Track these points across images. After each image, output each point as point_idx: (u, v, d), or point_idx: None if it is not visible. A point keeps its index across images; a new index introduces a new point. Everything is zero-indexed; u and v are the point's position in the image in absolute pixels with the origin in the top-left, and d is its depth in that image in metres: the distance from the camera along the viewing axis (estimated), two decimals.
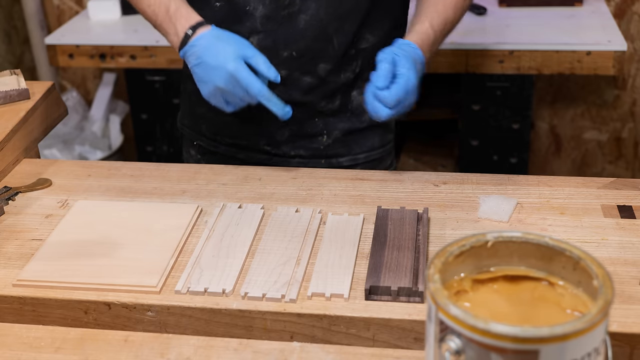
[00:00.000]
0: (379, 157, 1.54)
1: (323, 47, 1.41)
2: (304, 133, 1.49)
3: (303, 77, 1.43)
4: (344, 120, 1.49)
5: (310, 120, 1.48)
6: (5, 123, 1.44)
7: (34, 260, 1.15)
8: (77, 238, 1.20)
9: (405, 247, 1.14)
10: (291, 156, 1.51)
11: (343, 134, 1.50)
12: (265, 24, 1.40)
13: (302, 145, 1.50)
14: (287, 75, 1.42)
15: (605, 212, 1.23)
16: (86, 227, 1.22)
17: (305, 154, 1.50)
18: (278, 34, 1.40)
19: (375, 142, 1.53)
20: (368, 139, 1.52)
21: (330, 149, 1.50)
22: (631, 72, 2.76)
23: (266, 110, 1.36)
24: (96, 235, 1.20)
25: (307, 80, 1.44)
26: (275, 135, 1.49)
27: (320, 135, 1.49)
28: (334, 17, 1.39)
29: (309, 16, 1.39)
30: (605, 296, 0.79)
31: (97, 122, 2.94)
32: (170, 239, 1.18)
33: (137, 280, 1.09)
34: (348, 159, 1.52)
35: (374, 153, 1.53)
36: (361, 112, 1.48)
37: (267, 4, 1.39)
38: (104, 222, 1.24)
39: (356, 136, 1.51)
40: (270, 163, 1.51)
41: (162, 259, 1.14)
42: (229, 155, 1.54)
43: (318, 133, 1.49)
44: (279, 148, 1.50)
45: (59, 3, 2.96)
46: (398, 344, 1.03)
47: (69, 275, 1.11)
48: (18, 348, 1.04)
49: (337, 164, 1.51)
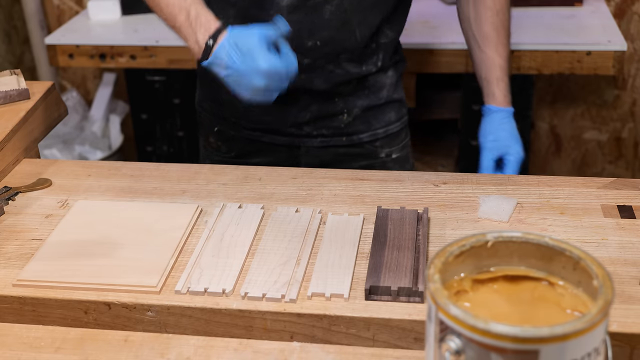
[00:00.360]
0: (397, 131, 1.61)
1: (346, 38, 1.45)
2: (325, 113, 1.54)
3: (326, 65, 1.47)
4: (362, 97, 1.54)
5: (330, 101, 1.52)
6: (5, 123, 1.44)
7: (34, 260, 1.15)
8: (77, 238, 1.20)
9: (405, 247, 1.14)
10: (314, 136, 1.55)
11: (362, 110, 1.55)
12: (291, 14, 1.41)
13: (324, 125, 1.54)
14: (311, 64, 1.46)
15: (605, 212, 1.23)
16: (86, 227, 1.22)
17: (327, 133, 1.56)
18: (303, 23, 1.42)
19: (392, 117, 1.59)
20: (386, 113, 1.58)
21: (350, 126, 1.56)
22: (631, 72, 2.76)
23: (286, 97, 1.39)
24: (96, 235, 1.20)
25: (329, 69, 1.48)
26: (297, 118, 1.53)
27: (340, 114, 1.54)
28: (358, 8, 1.43)
29: (334, 6, 1.42)
30: (605, 296, 0.79)
31: (97, 122, 2.94)
32: (170, 239, 1.18)
33: (137, 280, 1.09)
34: (368, 134, 1.58)
35: (392, 127, 1.60)
36: (378, 89, 1.55)
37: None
38: (104, 222, 1.24)
39: (375, 112, 1.57)
40: (293, 144, 1.56)
41: (162, 259, 1.14)
42: (253, 138, 1.57)
43: (339, 112, 1.54)
44: (301, 129, 1.55)
45: (59, 3, 2.96)
46: (398, 344, 1.03)
47: (69, 275, 1.11)
48: (18, 348, 1.04)
49: (357, 140, 1.57)
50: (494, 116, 1.49)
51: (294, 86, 1.46)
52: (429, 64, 2.31)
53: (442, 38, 2.29)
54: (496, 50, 1.50)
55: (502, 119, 1.48)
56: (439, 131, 2.85)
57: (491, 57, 1.50)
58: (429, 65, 2.31)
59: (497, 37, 1.50)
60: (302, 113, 1.52)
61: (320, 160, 1.56)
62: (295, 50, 1.37)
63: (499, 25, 1.50)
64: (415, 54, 2.28)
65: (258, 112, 1.53)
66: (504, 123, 1.48)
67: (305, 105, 1.51)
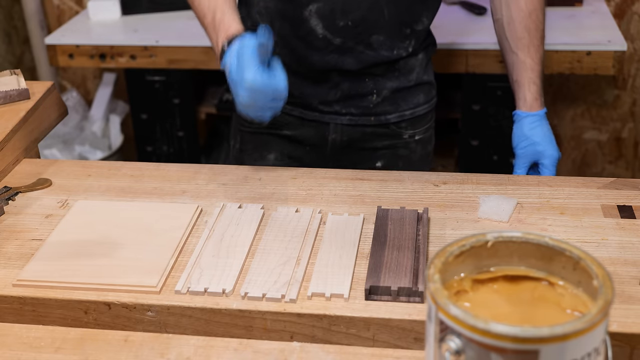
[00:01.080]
0: (424, 113, 1.62)
1: (376, 18, 1.46)
2: (354, 93, 1.55)
3: (357, 46, 1.48)
4: (392, 79, 1.55)
5: (360, 82, 1.54)
6: (5, 123, 1.44)
7: (34, 260, 1.15)
8: (77, 238, 1.20)
9: (405, 247, 1.14)
10: (342, 114, 1.57)
11: (391, 92, 1.56)
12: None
13: (353, 104, 1.56)
14: (342, 44, 1.48)
15: (605, 212, 1.23)
16: (86, 227, 1.22)
17: (355, 112, 1.57)
18: (336, 3, 1.44)
19: (421, 99, 1.60)
20: (414, 95, 1.59)
21: (379, 107, 1.57)
22: (631, 72, 2.76)
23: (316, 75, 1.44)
24: (96, 235, 1.20)
25: (359, 49, 1.49)
26: (327, 96, 1.55)
27: (370, 95, 1.55)
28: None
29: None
30: (605, 296, 0.79)
31: (97, 122, 2.94)
32: (170, 239, 1.18)
33: (137, 280, 1.09)
34: (395, 115, 1.59)
35: (420, 109, 1.61)
36: (408, 72, 1.56)
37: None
38: (104, 222, 1.24)
39: (404, 94, 1.58)
40: (322, 120, 1.57)
41: (162, 259, 1.14)
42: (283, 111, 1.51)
43: (368, 92, 1.55)
44: (331, 107, 1.56)
45: (59, 3, 2.96)
46: (398, 344, 1.03)
47: (69, 275, 1.11)
48: (18, 348, 1.04)
49: (385, 120, 1.58)
50: (524, 122, 1.48)
51: (325, 65, 1.51)
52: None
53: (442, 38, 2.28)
54: (528, 52, 1.49)
55: (532, 124, 1.47)
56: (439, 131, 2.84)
57: (522, 59, 1.49)
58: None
59: (529, 38, 1.49)
60: (332, 91, 1.54)
61: (347, 138, 1.58)
62: (327, 30, 1.42)
63: (531, 26, 1.49)
64: None
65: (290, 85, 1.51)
66: (534, 127, 1.47)
67: (335, 84, 1.53)
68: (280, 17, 1.50)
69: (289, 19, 1.49)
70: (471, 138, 2.43)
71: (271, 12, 1.51)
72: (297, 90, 1.55)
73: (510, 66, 1.52)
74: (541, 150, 1.45)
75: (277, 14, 1.50)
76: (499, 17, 1.53)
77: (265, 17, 1.52)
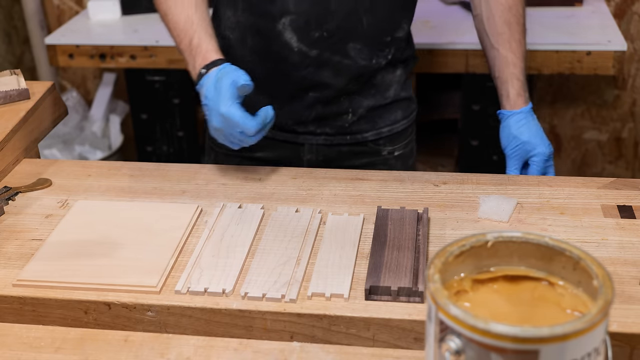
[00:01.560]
0: (402, 129, 1.60)
1: (353, 27, 1.43)
2: (329, 112, 1.52)
3: (333, 57, 1.45)
4: (369, 97, 1.53)
5: (336, 100, 1.51)
6: (5, 123, 1.44)
7: (34, 260, 1.15)
8: (77, 238, 1.20)
9: (405, 247, 1.14)
10: (317, 134, 1.55)
11: (367, 110, 1.54)
12: (297, 5, 1.41)
13: (328, 123, 1.54)
14: (318, 55, 1.45)
15: (605, 212, 1.23)
16: (86, 227, 1.22)
17: (330, 132, 1.55)
18: (310, 14, 1.42)
19: (399, 115, 1.58)
20: (392, 112, 1.56)
21: (354, 125, 1.54)
22: (631, 72, 2.76)
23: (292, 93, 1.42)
24: (96, 235, 1.20)
25: (336, 60, 1.46)
26: (301, 116, 1.52)
27: (345, 114, 1.53)
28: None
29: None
30: (605, 296, 0.79)
31: (97, 122, 2.94)
32: (170, 239, 1.18)
33: (137, 280, 1.09)
34: (372, 133, 1.56)
35: (398, 125, 1.59)
36: (385, 88, 1.53)
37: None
38: (104, 222, 1.24)
39: (380, 111, 1.55)
40: (297, 141, 1.55)
41: (162, 259, 1.14)
42: None
43: (344, 112, 1.53)
44: (306, 127, 1.54)
45: (59, 3, 2.96)
46: (398, 344, 1.03)
47: (69, 275, 1.11)
48: (18, 348, 1.04)
49: (361, 139, 1.56)
50: (510, 121, 1.45)
51: (302, 80, 1.47)
52: (429, 64, 2.31)
53: (442, 38, 2.29)
54: (509, 47, 1.45)
55: (518, 122, 1.44)
56: (439, 131, 2.85)
57: (504, 54, 1.45)
58: (429, 65, 2.31)
59: (509, 33, 1.45)
60: (306, 111, 1.51)
61: (322, 157, 1.56)
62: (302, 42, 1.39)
63: (512, 21, 1.45)
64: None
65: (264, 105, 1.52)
66: (521, 126, 1.44)
67: (310, 104, 1.50)
68: (252, 32, 1.46)
69: (261, 33, 1.45)
70: (471, 138, 2.44)
71: (243, 27, 1.47)
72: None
73: (492, 62, 1.48)
74: (530, 149, 1.42)
75: (249, 28, 1.46)
76: (479, 13, 1.49)
77: (236, 32, 1.48)
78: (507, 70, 1.45)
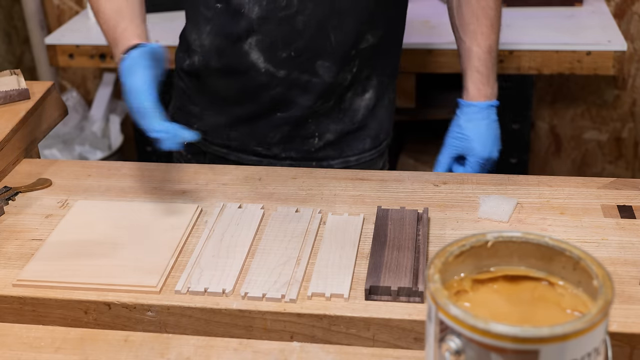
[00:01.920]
0: (370, 159, 1.54)
1: (322, 44, 1.41)
2: (295, 135, 1.48)
3: (301, 75, 1.43)
4: (336, 121, 1.48)
5: (302, 122, 1.47)
6: (5, 123, 1.44)
7: (34, 260, 1.15)
8: (77, 238, 1.20)
9: (405, 247, 1.14)
10: (282, 158, 1.51)
11: (335, 136, 1.50)
12: (261, 25, 1.39)
13: (294, 147, 1.50)
14: (286, 75, 1.42)
15: (605, 212, 1.23)
16: (86, 227, 1.22)
17: (296, 156, 1.51)
18: (275, 35, 1.39)
19: (367, 144, 1.53)
20: (360, 140, 1.51)
21: (321, 151, 1.50)
22: (631, 72, 2.76)
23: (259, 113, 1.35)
24: (96, 235, 1.20)
25: (305, 79, 1.43)
26: (266, 138, 1.48)
27: (312, 138, 1.49)
28: (331, 13, 1.38)
29: (307, 16, 1.38)
30: (605, 296, 0.79)
31: (97, 122, 2.94)
32: (170, 239, 1.18)
33: (137, 281, 1.09)
34: (339, 161, 1.52)
35: (366, 155, 1.53)
36: (354, 114, 1.48)
37: (264, 6, 1.38)
38: (104, 222, 1.24)
39: (348, 138, 1.50)
40: (261, 164, 1.50)
41: (162, 259, 1.14)
42: (219, 155, 1.54)
43: (310, 135, 1.49)
44: (269, 150, 1.50)
45: (59, 3, 2.96)
46: (398, 344, 1.03)
47: (69, 275, 1.11)
48: (18, 348, 1.04)
49: (327, 166, 1.51)
50: (463, 111, 1.40)
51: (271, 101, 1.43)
52: (429, 64, 2.31)
53: (441, 38, 2.29)
54: (474, 39, 1.41)
55: (469, 115, 1.38)
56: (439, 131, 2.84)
57: (468, 46, 1.41)
58: (428, 65, 2.31)
59: (476, 24, 1.41)
60: (272, 132, 1.47)
61: None
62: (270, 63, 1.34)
63: (479, 13, 1.41)
64: (415, 54, 2.28)
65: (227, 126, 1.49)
66: (471, 120, 1.39)
67: (276, 125, 1.45)
68: (218, 54, 1.44)
69: (228, 54, 1.43)
70: None
71: (208, 49, 1.45)
72: (234, 130, 1.49)
73: (460, 54, 1.45)
74: (470, 147, 1.39)
75: (216, 50, 1.45)
76: (451, 5, 1.46)
77: (203, 54, 1.46)
78: (470, 63, 1.41)
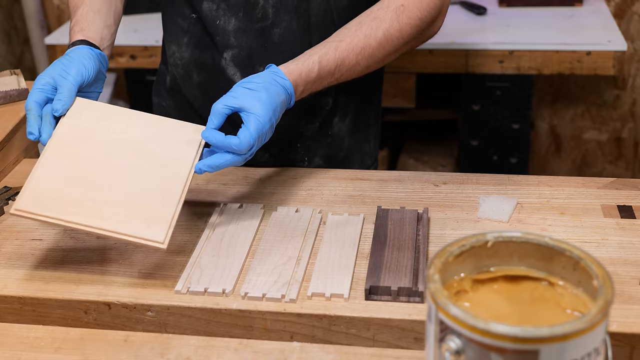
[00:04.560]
0: None
1: None
2: (284, 158, 1.48)
3: None
4: (325, 146, 1.48)
5: (292, 145, 1.46)
6: (5, 123, 1.44)
7: (32, 181, 1.10)
8: (75, 159, 1.14)
9: (405, 247, 1.14)
10: None
11: (324, 160, 1.50)
12: (238, 38, 1.37)
13: None
14: None
15: (605, 212, 1.23)
16: (86, 141, 1.16)
17: None
18: (253, 48, 1.37)
19: (355, 168, 1.51)
20: (347, 165, 1.51)
21: None
22: (631, 72, 2.76)
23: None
24: (96, 155, 1.15)
25: None
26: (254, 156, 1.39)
27: (301, 162, 1.49)
28: (305, 30, 1.36)
29: (283, 29, 1.36)
30: (605, 296, 0.79)
31: None
32: (176, 174, 1.14)
33: (141, 232, 1.07)
34: None
35: None
36: (342, 139, 1.49)
37: (240, 18, 1.36)
38: (104, 133, 1.18)
39: (336, 163, 1.50)
40: None
41: (166, 204, 1.11)
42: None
43: (299, 159, 1.48)
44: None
45: (59, 3, 2.96)
46: (398, 344, 1.03)
47: (70, 213, 1.08)
48: (18, 348, 1.04)
49: None
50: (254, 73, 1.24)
51: None
52: (429, 64, 2.31)
53: (442, 38, 2.29)
54: (336, 34, 1.27)
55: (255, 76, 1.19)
56: (439, 131, 2.85)
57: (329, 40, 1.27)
58: (428, 65, 2.32)
59: (347, 27, 1.27)
60: (259, 152, 1.43)
61: None
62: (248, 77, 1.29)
63: (351, 24, 1.27)
64: (415, 54, 2.28)
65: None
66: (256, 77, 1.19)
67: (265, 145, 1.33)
68: (197, 68, 1.42)
69: (206, 68, 1.41)
70: (471, 138, 2.44)
71: (187, 63, 1.43)
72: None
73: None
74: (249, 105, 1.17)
75: (194, 64, 1.42)
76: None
77: (182, 67, 1.44)
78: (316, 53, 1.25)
